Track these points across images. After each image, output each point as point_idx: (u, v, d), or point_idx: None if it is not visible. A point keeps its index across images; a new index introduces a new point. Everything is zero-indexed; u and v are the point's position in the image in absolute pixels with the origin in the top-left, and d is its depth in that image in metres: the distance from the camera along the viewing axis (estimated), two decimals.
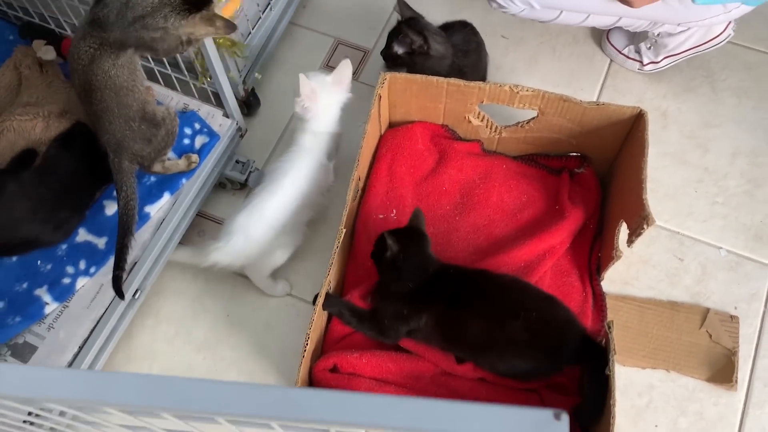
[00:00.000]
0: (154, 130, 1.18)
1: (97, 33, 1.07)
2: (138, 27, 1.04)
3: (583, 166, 1.37)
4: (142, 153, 1.20)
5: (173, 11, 1.02)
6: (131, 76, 1.11)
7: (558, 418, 0.36)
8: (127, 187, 1.15)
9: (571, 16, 1.38)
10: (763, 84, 1.55)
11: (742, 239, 1.39)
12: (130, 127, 1.15)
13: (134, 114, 1.14)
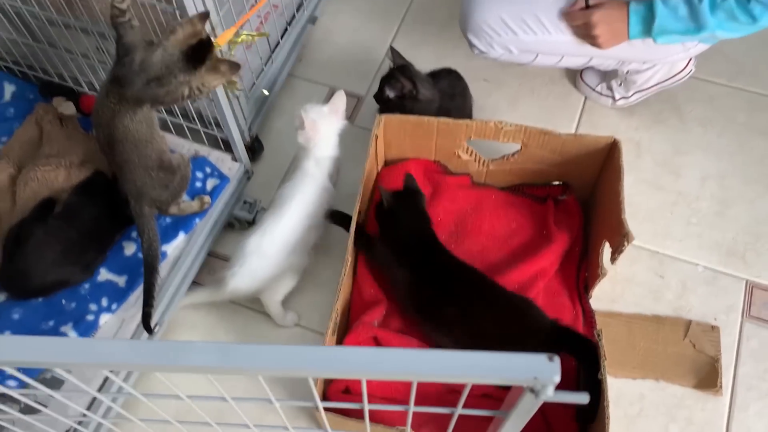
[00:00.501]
0: (170, 176, 1.28)
1: (116, 91, 1.15)
2: (153, 86, 1.12)
3: (566, 193, 1.49)
4: (160, 198, 1.29)
5: (181, 70, 1.11)
6: (149, 130, 1.21)
7: (551, 360, 0.46)
8: (149, 230, 1.25)
9: (547, 59, 1.51)
10: (725, 113, 1.69)
11: (717, 256, 1.50)
12: (149, 176, 1.25)
13: (153, 163, 1.24)
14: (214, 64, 1.11)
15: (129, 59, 1.08)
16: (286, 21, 1.66)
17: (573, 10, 1.39)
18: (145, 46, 1.08)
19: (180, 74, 1.09)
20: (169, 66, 1.08)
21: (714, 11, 1.25)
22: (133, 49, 1.08)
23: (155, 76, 1.08)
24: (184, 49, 1.08)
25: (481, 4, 1.46)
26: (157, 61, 1.07)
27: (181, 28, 1.07)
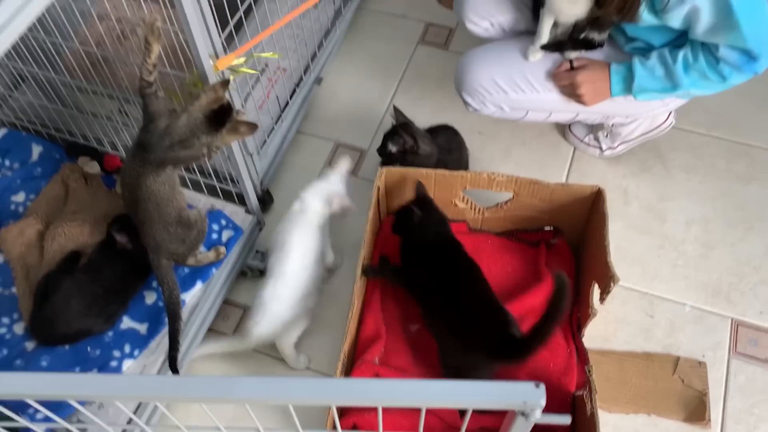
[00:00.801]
0: (187, 231, 1.38)
1: (142, 155, 1.25)
2: (177, 148, 1.22)
3: (557, 238, 1.58)
4: (177, 251, 1.39)
5: (204, 132, 1.21)
6: (171, 190, 1.31)
7: (537, 386, 0.55)
8: (168, 280, 1.34)
9: (537, 115, 1.63)
10: (706, 161, 1.80)
11: (703, 296, 1.59)
12: (168, 232, 1.34)
13: (172, 220, 1.34)
14: (234, 125, 1.22)
15: (154, 126, 1.19)
16: (294, 83, 1.79)
17: (559, 72, 1.51)
18: (169, 114, 1.19)
19: (203, 136, 1.20)
20: (193, 129, 1.19)
21: (687, 71, 1.37)
22: (158, 117, 1.19)
23: (179, 139, 1.19)
24: (207, 113, 1.19)
25: (474, 66, 1.58)
26: (182, 125, 1.18)
27: (205, 94, 1.19)
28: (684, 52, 1.36)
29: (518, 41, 1.58)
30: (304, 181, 1.78)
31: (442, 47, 2.10)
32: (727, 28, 1.24)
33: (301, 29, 1.81)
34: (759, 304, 1.56)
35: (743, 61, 1.30)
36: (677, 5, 1.22)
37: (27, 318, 1.40)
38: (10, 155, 1.66)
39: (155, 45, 1.13)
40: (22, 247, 1.48)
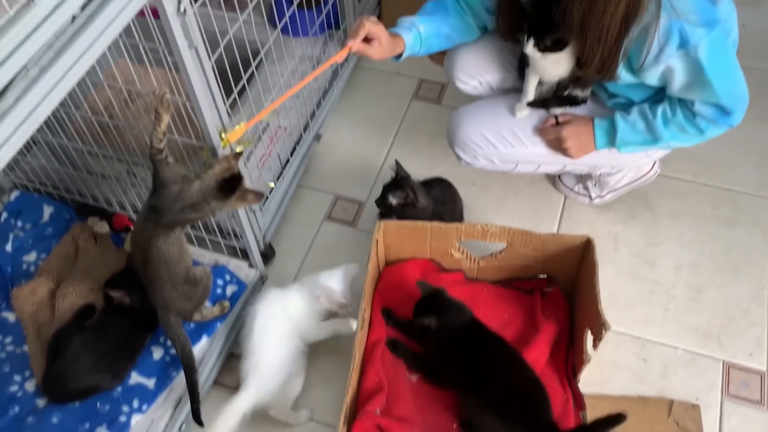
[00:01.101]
0: (194, 288, 1.44)
1: (153, 218, 1.32)
2: (187, 211, 1.29)
3: (551, 286, 1.64)
4: (185, 309, 1.45)
5: (215, 198, 1.28)
6: (179, 250, 1.37)
7: None
8: (179, 336, 1.40)
9: (526, 167, 1.70)
10: (692, 207, 1.86)
11: (694, 339, 1.63)
12: (176, 290, 1.40)
13: (180, 279, 1.40)
14: (242, 193, 1.29)
15: (166, 191, 1.27)
16: (295, 141, 1.87)
17: (545, 127, 1.59)
18: (180, 180, 1.27)
19: (213, 201, 1.27)
20: (205, 195, 1.26)
21: (667, 125, 1.44)
22: (169, 183, 1.26)
23: (191, 203, 1.26)
24: (220, 181, 1.26)
25: (465, 122, 1.66)
26: (194, 190, 1.26)
27: (218, 164, 1.27)
28: (663, 107, 1.43)
29: (506, 98, 1.66)
30: (306, 233, 1.86)
31: (435, 102, 2.19)
32: (700, 86, 1.32)
33: (300, 89, 1.90)
34: (749, 346, 1.61)
35: (718, 116, 1.38)
36: (652, 65, 1.30)
37: (39, 375, 1.44)
38: (23, 216, 1.73)
39: (165, 115, 1.21)
40: (34, 306, 1.53)
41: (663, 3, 1.22)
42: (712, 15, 1.25)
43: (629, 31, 1.27)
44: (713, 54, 1.26)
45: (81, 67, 0.90)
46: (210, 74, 1.25)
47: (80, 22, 0.89)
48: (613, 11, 1.23)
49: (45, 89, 0.84)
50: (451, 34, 1.58)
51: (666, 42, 1.25)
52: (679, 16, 1.22)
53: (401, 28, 1.49)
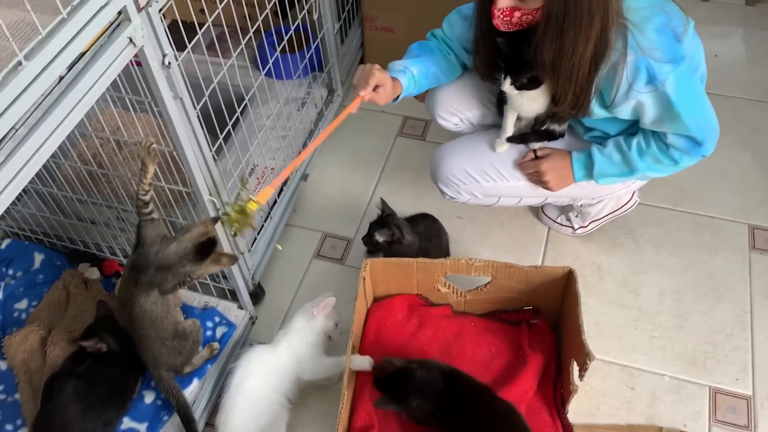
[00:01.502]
0: (183, 343, 1.46)
1: (134, 275, 1.35)
2: (162, 273, 1.33)
3: (536, 317, 1.66)
4: (175, 363, 1.47)
5: (190, 261, 1.32)
6: (164, 308, 1.39)
7: None
8: (172, 388, 1.42)
9: (508, 200, 1.74)
10: (674, 235, 1.90)
11: (680, 365, 1.65)
12: (165, 346, 1.42)
13: (168, 335, 1.42)
14: (216, 257, 1.33)
15: (145, 250, 1.31)
16: (282, 181, 1.90)
17: (525, 161, 1.63)
18: (161, 240, 1.30)
19: (188, 264, 1.31)
20: (180, 257, 1.30)
21: (642, 156, 1.49)
22: (148, 242, 1.30)
23: (167, 265, 1.30)
24: (196, 243, 1.30)
25: (448, 159, 1.70)
26: (171, 252, 1.29)
27: (195, 228, 1.31)
28: (637, 139, 1.48)
29: (486, 134, 1.71)
30: (295, 272, 1.89)
31: (419, 138, 2.24)
32: (670, 119, 1.36)
33: (287, 131, 1.94)
34: (734, 371, 1.63)
35: (690, 147, 1.42)
36: (623, 101, 1.35)
37: (30, 423, 1.45)
38: (14, 264, 1.75)
39: (151, 166, 1.25)
40: (25, 354, 1.55)
41: (629, 42, 1.28)
42: (677, 51, 1.30)
43: (599, 69, 1.32)
44: (680, 88, 1.31)
45: (68, 124, 0.93)
46: (195, 123, 1.28)
47: (67, 81, 0.92)
48: (582, 52, 1.28)
49: (33, 147, 0.88)
50: (438, 73, 1.63)
51: (634, 78, 1.30)
52: (645, 53, 1.28)
53: (395, 72, 1.53)
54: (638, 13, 1.29)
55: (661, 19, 1.30)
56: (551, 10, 1.23)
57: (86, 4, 0.91)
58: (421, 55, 1.60)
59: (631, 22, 1.28)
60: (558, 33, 1.26)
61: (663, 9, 1.32)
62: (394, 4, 2.10)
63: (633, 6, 1.29)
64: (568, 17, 1.23)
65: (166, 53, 1.14)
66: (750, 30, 2.50)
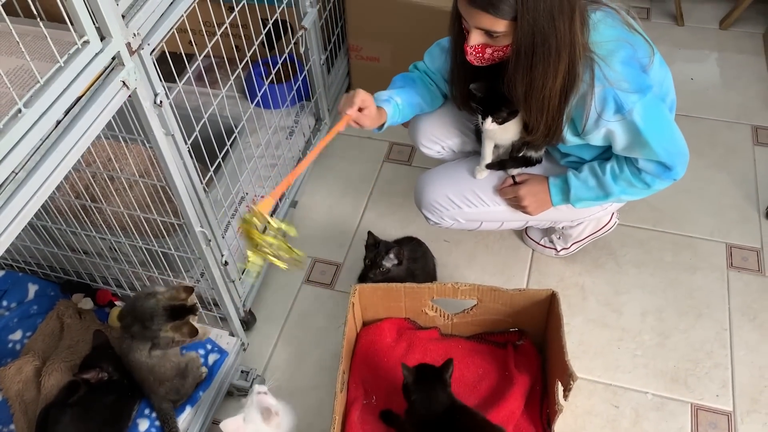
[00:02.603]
0: (183, 381, 1.51)
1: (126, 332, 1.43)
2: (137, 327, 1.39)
3: (522, 339, 1.70)
4: (175, 398, 1.51)
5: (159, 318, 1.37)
6: (162, 354, 1.44)
7: None
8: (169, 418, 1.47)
9: (490, 225, 1.78)
10: (654, 255, 1.96)
11: (663, 383, 1.70)
12: (165, 387, 1.47)
13: (168, 377, 1.47)
14: (178, 325, 1.37)
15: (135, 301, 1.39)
16: (271, 210, 1.94)
17: (504, 187, 1.68)
18: (146, 296, 1.35)
19: (157, 320, 1.36)
20: (152, 313, 1.36)
21: (616, 181, 1.54)
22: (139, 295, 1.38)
23: (141, 318, 1.36)
24: (167, 306, 1.36)
25: (430, 186, 1.75)
26: (148, 306, 1.36)
27: (168, 291, 1.38)
28: (611, 164, 1.53)
29: (467, 161, 1.76)
30: (285, 298, 1.92)
31: (406, 163, 2.29)
32: (640, 146, 1.42)
33: (276, 159, 1.99)
34: (715, 388, 1.68)
35: (660, 171, 1.48)
36: (593, 129, 1.41)
37: None
38: (8, 295, 1.77)
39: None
40: (20, 384, 1.56)
41: (597, 74, 1.34)
42: (643, 82, 1.36)
43: (569, 100, 1.38)
44: (648, 117, 1.36)
45: (65, 166, 0.97)
46: (187, 157, 1.32)
47: (64, 125, 0.96)
48: (551, 85, 1.34)
49: (32, 190, 0.91)
50: (422, 103, 1.69)
51: (603, 108, 1.36)
52: (612, 85, 1.34)
53: (381, 102, 1.58)
54: (604, 46, 1.35)
55: (626, 52, 1.36)
56: (520, 46, 1.29)
57: (82, 52, 0.96)
58: (405, 86, 1.66)
59: (597, 55, 1.34)
60: (528, 68, 1.32)
61: (628, 42, 1.37)
62: (379, 35, 2.16)
63: (599, 40, 1.35)
64: (536, 53, 1.29)
65: (157, 92, 1.18)
66: (724, 53, 2.58)
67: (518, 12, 1.23)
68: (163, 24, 1.16)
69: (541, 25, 1.25)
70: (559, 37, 1.27)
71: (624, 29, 1.39)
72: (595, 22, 1.36)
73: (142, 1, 1.09)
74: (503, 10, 1.24)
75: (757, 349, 1.74)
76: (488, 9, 1.25)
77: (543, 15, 1.24)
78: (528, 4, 1.22)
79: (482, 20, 1.28)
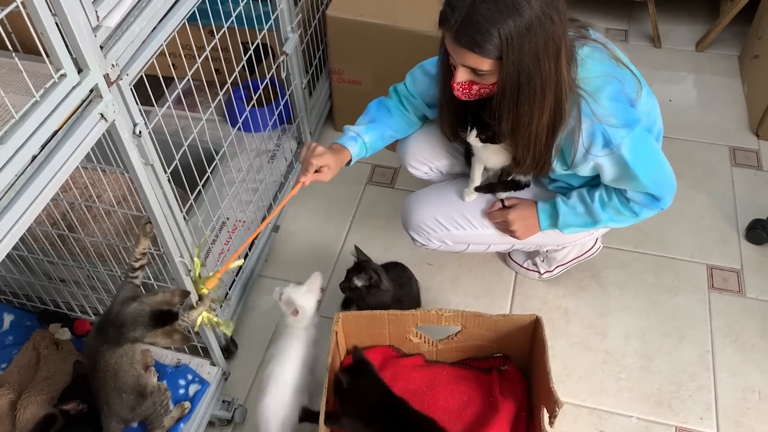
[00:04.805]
0: (140, 400, 1.45)
1: (100, 336, 1.37)
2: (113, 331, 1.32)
3: (507, 364, 1.69)
4: (127, 417, 1.46)
5: (142, 324, 1.30)
6: (129, 362, 1.39)
7: None
8: None
9: (477, 247, 1.78)
10: (636, 277, 1.96)
11: (647, 406, 1.69)
12: (121, 398, 1.42)
13: (128, 388, 1.42)
14: (170, 331, 1.30)
15: (112, 307, 1.32)
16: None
17: (492, 211, 1.68)
18: (126, 300, 1.31)
19: (140, 328, 1.29)
20: (135, 318, 1.29)
21: (604, 208, 1.54)
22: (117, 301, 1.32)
23: (120, 324, 1.30)
24: (155, 310, 1.30)
25: (418, 207, 1.74)
26: (130, 310, 1.30)
27: (162, 294, 1.31)
28: (600, 191, 1.54)
29: (456, 183, 1.76)
30: (268, 324, 1.90)
31: (389, 185, 2.29)
32: (628, 179, 1.43)
33: (257, 183, 1.97)
34: (699, 410, 1.68)
35: (649, 201, 1.49)
36: (582, 162, 1.41)
37: None
38: None
39: (144, 240, 1.28)
40: None
41: (584, 110, 1.34)
42: (631, 116, 1.37)
43: (556, 136, 1.39)
44: (636, 151, 1.37)
45: (42, 201, 0.95)
46: (166, 186, 1.30)
47: (40, 160, 0.94)
48: (537, 122, 1.34)
49: (6, 227, 0.89)
50: (394, 135, 1.70)
51: (591, 144, 1.37)
52: (600, 120, 1.34)
53: (346, 139, 1.59)
54: (592, 82, 1.35)
55: (614, 87, 1.37)
56: (505, 85, 1.29)
57: (59, 86, 0.94)
58: (377, 118, 1.66)
59: (585, 91, 1.34)
60: (514, 105, 1.32)
61: (615, 77, 1.38)
62: (360, 59, 2.16)
63: (587, 76, 1.36)
64: (521, 92, 1.29)
65: (137, 122, 1.16)
66: (701, 75, 2.62)
67: (503, 52, 1.23)
68: (143, 53, 1.14)
69: (526, 65, 1.25)
70: (544, 77, 1.28)
71: (612, 63, 1.40)
72: (582, 57, 1.37)
73: (121, 32, 1.08)
74: (488, 49, 1.24)
75: (740, 371, 1.74)
76: (474, 48, 1.25)
77: (528, 55, 1.24)
78: (513, 45, 1.23)
79: (468, 59, 1.28)
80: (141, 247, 1.31)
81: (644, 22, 2.82)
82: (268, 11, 1.81)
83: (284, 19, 1.88)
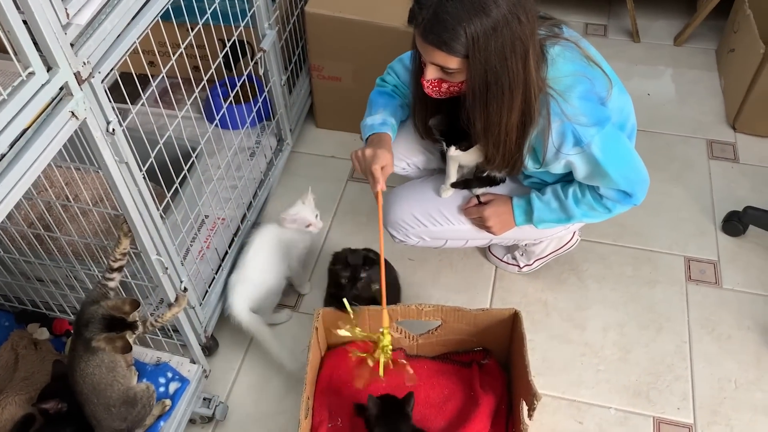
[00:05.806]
0: (130, 409, 1.43)
1: (77, 340, 1.35)
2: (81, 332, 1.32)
3: (487, 358, 1.70)
4: (120, 428, 1.44)
5: (94, 325, 1.30)
6: (110, 373, 1.37)
7: None
8: None
9: (455, 243, 1.79)
10: (615, 270, 1.98)
11: (626, 397, 1.71)
12: (109, 412, 1.40)
13: (114, 401, 1.40)
14: (112, 338, 1.29)
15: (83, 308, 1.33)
16: (233, 232, 1.92)
17: (468, 207, 1.69)
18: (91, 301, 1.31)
19: (92, 330, 1.29)
20: (89, 320, 1.30)
21: (578, 204, 1.56)
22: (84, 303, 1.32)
23: (84, 323, 1.30)
24: (107, 314, 1.29)
25: (396, 204, 1.75)
26: (89, 312, 1.30)
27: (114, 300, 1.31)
28: (573, 188, 1.55)
29: (432, 180, 1.76)
30: None
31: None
32: (600, 176, 1.44)
33: (236, 180, 1.97)
34: (676, 401, 1.70)
35: (621, 197, 1.51)
36: (554, 161, 1.42)
37: None
38: None
39: (124, 239, 1.27)
40: None
41: (554, 110, 1.35)
42: (601, 114, 1.38)
43: (527, 135, 1.40)
44: (607, 148, 1.38)
45: (10, 200, 0.94)
46: (142, 184, 1.30)
47: (8, 159, 0.94)
48: (507, 121, 1.35)
49: None
50: (402, 116, 1.71)
51: (561, 143, 1.38)
52: (570, 120, 1.35)
53: (383, 128, 1.60)
54: (562, 81, 1.36)
55: (584, 86, 1.37)
56: (473, 84, 1.30)
57: (27, 84, 0.93)
58: (388, 105, 1.66)
59: (555, 90, 1.35)
60: (483, 104, 1.33)
61: (586, 76, 1.39)
62: (340, 55, 2.16)
63: (557, 75, 1.36)
64: (489, 91, 1.30)
65: (110, 120, 1.16)
66: (679, 69, 2.65)
67: (470, 51, 1.24)
68: (116, 50, 1.14)
69: (493, 64, 1.26)
70: (512, 77, 1.28)
71: (582, 62, 1.41)
72: (553, 57, 1.37)
73: (93, 29, 1.08)
74: (455, 48, 1.25)
75: (716, 362, 1.77)
76: (441, 47, 1.26)
77: (495, 54, 1.25)
78: (479, 44, 1.23)
79: (436, 57, 1.29)
80: (121, 246, 1.30)
81: (623, 17, 2.84)
82: (245, 8, 1.81)
83: (261, 15, 1.88)
